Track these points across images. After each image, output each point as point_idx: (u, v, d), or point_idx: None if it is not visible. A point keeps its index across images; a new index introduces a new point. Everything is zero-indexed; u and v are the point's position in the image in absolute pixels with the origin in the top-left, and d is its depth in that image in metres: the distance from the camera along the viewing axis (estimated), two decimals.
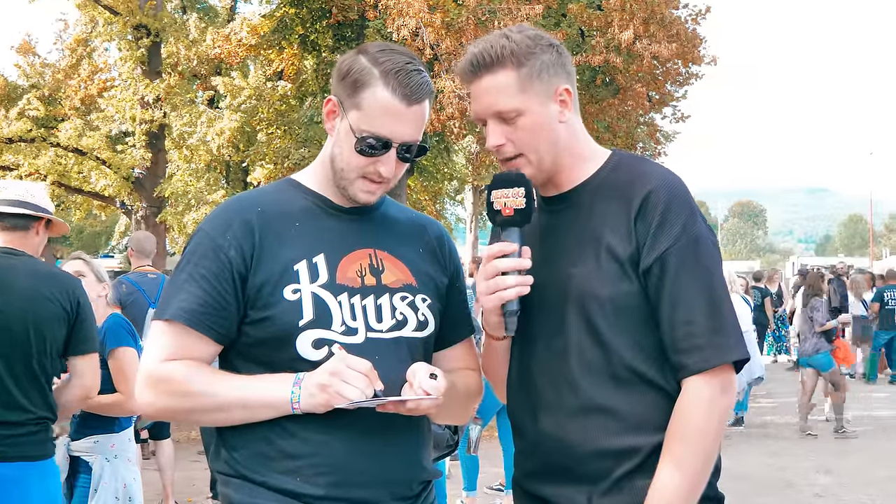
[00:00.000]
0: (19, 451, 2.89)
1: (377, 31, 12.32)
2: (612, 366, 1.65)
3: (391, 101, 1.64)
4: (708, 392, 1.60)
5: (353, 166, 1.68)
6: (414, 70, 1.65)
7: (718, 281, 1.66)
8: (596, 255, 1.67)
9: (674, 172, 1.72)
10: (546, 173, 1.74)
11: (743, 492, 6.58)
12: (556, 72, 1.71)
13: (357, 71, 1.66)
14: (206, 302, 1.61)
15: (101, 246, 33.08)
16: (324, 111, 1.74)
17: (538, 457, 1.76)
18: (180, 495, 6.40)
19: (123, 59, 14.80)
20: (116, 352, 3.60)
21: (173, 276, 1.68)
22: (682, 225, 1.63)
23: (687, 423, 1.60)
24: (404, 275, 1.76)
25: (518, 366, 1.81)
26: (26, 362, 2.92)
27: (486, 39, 1.70)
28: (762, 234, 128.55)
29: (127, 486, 3.62)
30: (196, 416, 1.72)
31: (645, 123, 17.69)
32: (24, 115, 14.61)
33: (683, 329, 1.61)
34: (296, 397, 1.56)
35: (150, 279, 6.20)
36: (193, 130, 14.37)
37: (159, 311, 1.66)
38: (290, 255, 1.66)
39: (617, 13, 12.98)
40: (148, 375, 1.63)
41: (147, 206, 14.92)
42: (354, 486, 1.63)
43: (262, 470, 1.62)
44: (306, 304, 1.63)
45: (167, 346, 1.63)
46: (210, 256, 1.63)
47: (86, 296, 3.17)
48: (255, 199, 1.76)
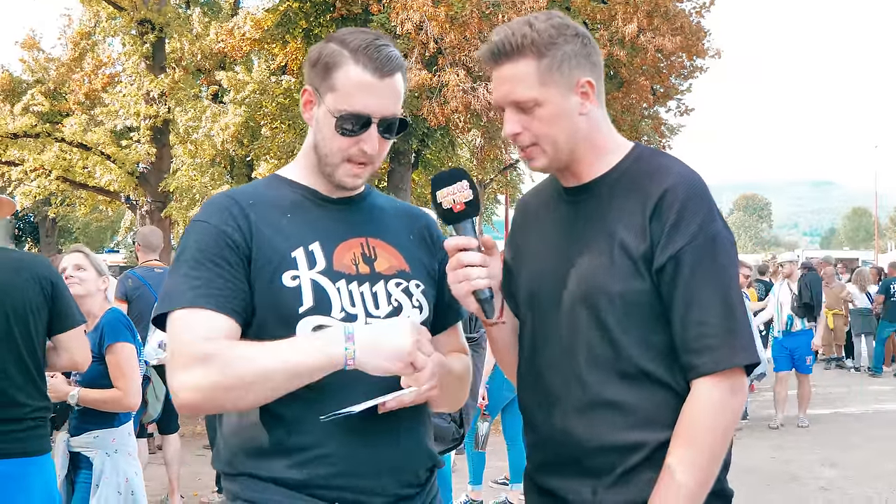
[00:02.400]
0: (20, 447, 2.90)
1: (381, 24, 12.29)
2: (619, 362, 1.65)
3: (363, 76, 1.64)
4: (718, 394, 1.59)
5: (335, 149, 1.69)
6: (382, 45, 1.66)
7: (734, 282, 1.64)
8: (609, 250, 1.65)
9: (692, 169, 1.69)
10: (561, 163, 1.73)
11: (748, 485, 6.57)
12: (578, 63, 1.67)
13: (327, 55, 1.67)
14: (224, 286, 1.58)
15: (106, 241, 33.16)
16: (301, 102, 1.75)
17: (548, 450, 1.76)
18: (186, 489, 6.42)
19: (127, 54, 14.81)
20: (114, 347, 3.57)
21: (178, 267, 1.63)
22: (699, 224, 1.60)
23: (695, 425, 1.59)
24: (397, 261, 1.77)
25: (528, 358, 1.81)
26: (16, 356, 2.91)
27: (510, 26, 1.68)
28: (767, 227, 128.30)
29: (129, 481, 3.61)
30: (244, 391, 1.53)
31: (649, 117, 17.65)
32: (29, 111, 14.61)
33: (696, 329, 1.60)
34: (349, 354, 1.52)
35: (157, 273, 6.22)
36: (198, 125, 14.37)
37: (172, 300, 1.58)
38: (286, 243, 1.66)
39: (621, 6, 12.95)
40: (196, 353, 1.52)
41: (152, 201, 14.92)
42: (362, 476, 1.63)
43: (268, 465, 1.61)
44: (306, 290, 1.63)
45: (199, 328, 1.54)
46: (216, 243, 1.61)
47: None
48: (246, 192, 1.74)
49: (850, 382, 12.81)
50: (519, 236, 1.90)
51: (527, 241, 1.86)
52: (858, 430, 8.99)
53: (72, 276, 3.66)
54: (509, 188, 24.95)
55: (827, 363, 15.03)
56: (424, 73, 12.15)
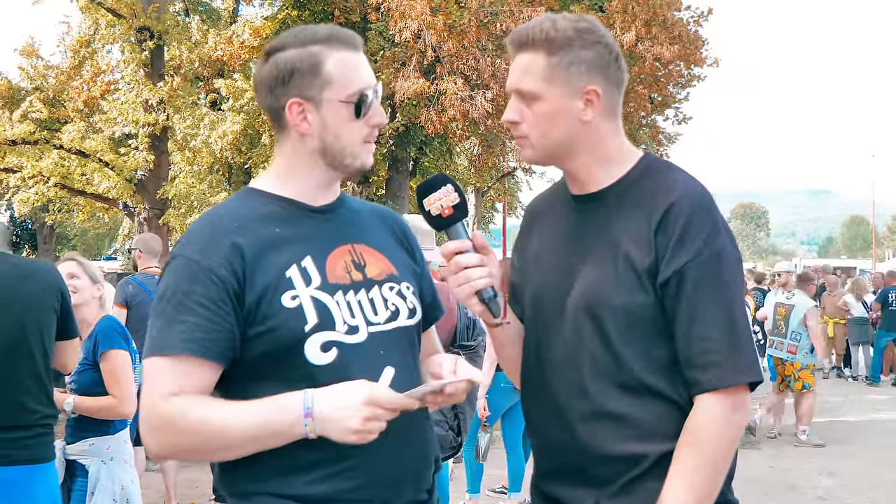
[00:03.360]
0: (27, 454, 2.91)
1: (379, 33, 12.34)
2: (621, 374, 1.64)
3: (347, 56, 1.67)
4: (720, 411, 1.59)
5: (356, 136, 1.68)
6: (336, 28, 1.71)
7: (738, 298, 1.63)
8: (614, 261, 1.65)
9: (699, 182, 1.68)
10: (549, 161, 1.75)
11: (745, 494, 6.55)
12: (589, 69, 1.66)
13: (301, 62, 1.64)
14: (210, 328, 1.54)
15: (104, 248, 33.14)
16: (290, 117, 1.67)
17: (553, 458, 1.77)
18: (183, 498, 6.40)
19: (126, 62, 14.82)
20: (108, 354, 3.54)
21: (160, 309, 1.57)
22: (704, 239, 1.60)
23: (698, 441, 1.59)
24: (385, 265, 1.76)
25: (533, 366, 1.81)
26: (29, 364, 2.95)
27: (537, 20, 1.71)
28: (764, 235, 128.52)
29: (125, 488, 3.58)
30: (206, 455, 1.59)
31: (647, 125, 17.69)
32: (28, 118, 14.62)
33: (699, 345, 1.59)
34: (310, 429, 1.49)
35: (157, 280, 6.20)
36: (196, 133, 14.39)
37: (155, 346, 1.55)
38: (279, 261, 1.62)
39: (619, 15, 12.99)
40: (156, 416, 1.52)
41: (150, 209, 14.92)
42: (383, 486, 1.62)
43: (287, 482, 1.58)
44: (308, 308, 1.60)
45: (173, 382, 1.53)
46: (200, 281, 1.56)
47: (65, 283, 3.23)
48: (227, 214, 1.68)
49: (848, 392, 12.80)
50: (525, 241, 1.90)
51: (533, 247, 1.86)
52: (856, 439, 8.98)
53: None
54: (507, 196, 24.99)
55: (825, 372, 15.03)
56: (422, 82, 12.17)
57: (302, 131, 1.68)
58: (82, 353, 3.63)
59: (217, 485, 1.70)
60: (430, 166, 17.48)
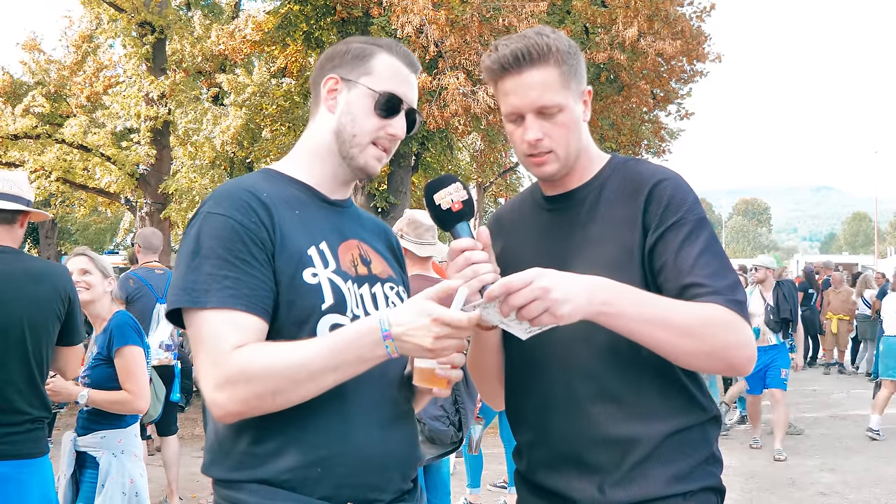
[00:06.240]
0: (16, 449, 2.92)
1: (381, 28, 12.30)
2: (617, 356, 1.67)
3: (399, 66, 1.75)
4: (731, 315, 1.60)
5: (367, 130, 1.73)
6: (405, 49, 1.79)
7: (721, 249, 1.70)
8: (603, 246, 1.72)
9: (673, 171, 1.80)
10: (568, 169, 1.79)
11: (747, 490, 6.58)
12: (583, 73, 1.79)
13: (357, 48, 1.75)
14: (254, 285, 1.55)
15: (105, 242, 33.15)
16: (323, 90, 1.76)
17: (546, 448, 1.77)
18: (185, 491, 6.42)
19: (128, 56, 14.83)
20: (123, 350, 3.59)
21: (198, 263, 1.55)
22: (688, 208, 1.70)
23: (704, 310, 1.59)
24: (385, 267, 1.83)
25: (520, 357, 1.83)
26: (24, 366, 2.96)
27: (523, 37, 1.72)
28: (766, 231, 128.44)
29: (134, 482, 3.62)
30: (284, 397, 1.52)
31: (649, 121, 17.65)
32: (30, 112, 14.63)
33: (689, 263, 1.64)
34: (392, 349, 1.51)
35: (158, 275, 6.24)
36: (198, 127, 14.38)
37: (197, 297, 1.53)
38: (302, 240, 1.66)
39: (621, 10, 12.95)
40: (230, 368, 1.49)
41: (151, 203, 14.94)
42: (372, 473, 1.64)
43: (277, 469, 1.58)
44: (326, 288, 1.63)
45: (235, 335, 1.51)
46: (241, 240, 1.56)
47: (74, 288, 3.23)
48: (257, 185, 1.69)
49: (850, 387, 12.81)
50: (495, 247, 1.88)
51: (509, 251, 1.88)
52: (857, 435, 8.99)
53: (78, 281, 3.65)
54: (509, 192, 24.96)
55: (826, 368, 15.03)
56: (424, 77, 12.14)
57: (329, 107, 1.76)
58: (96, 347, 3.66)
59: (204, 471, 1.69)
60: (432, 161, 17.44)
